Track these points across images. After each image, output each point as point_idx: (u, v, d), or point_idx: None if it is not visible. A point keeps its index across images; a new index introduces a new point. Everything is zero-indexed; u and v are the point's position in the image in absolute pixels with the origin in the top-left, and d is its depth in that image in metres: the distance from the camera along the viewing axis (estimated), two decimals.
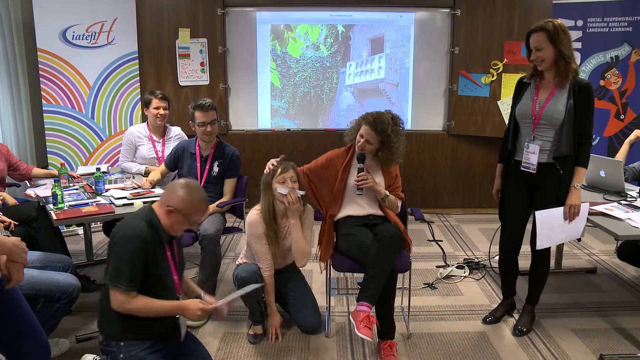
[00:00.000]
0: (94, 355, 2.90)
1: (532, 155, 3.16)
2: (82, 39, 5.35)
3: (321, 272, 3.46)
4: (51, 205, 3.38)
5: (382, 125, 3.20)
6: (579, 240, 4.53)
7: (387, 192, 3.31)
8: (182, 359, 2.59)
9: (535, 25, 3.05)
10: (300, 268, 3.46)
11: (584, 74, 5.44)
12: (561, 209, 3.10)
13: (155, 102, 4.32)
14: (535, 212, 3.13)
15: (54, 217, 3.22)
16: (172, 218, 2.41)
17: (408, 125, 5.99)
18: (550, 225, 3.11)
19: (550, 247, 3.30)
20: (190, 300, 2.50)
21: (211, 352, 3.05)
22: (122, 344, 2.40)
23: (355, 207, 3.35)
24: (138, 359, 2.40)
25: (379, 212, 3.36)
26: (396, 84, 5.98)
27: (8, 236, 2.00)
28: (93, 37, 5.38)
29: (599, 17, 5.39)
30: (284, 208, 3.20)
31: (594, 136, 5.42)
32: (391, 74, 5.94)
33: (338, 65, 5.95)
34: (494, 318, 3.51)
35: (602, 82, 5.47)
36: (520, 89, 3.29)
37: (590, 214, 3.16)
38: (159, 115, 4.33)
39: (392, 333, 3.14)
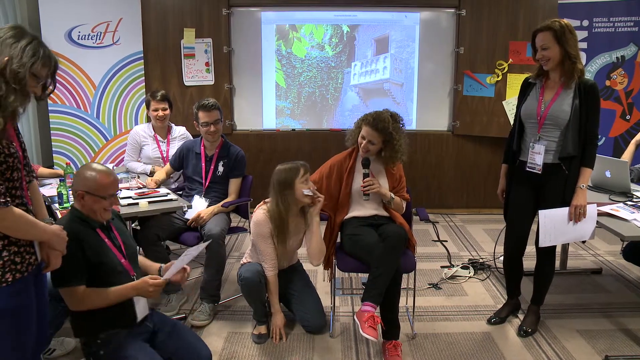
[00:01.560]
0: None
1: (537, 156, 3.14)
2: (88, 39, 5.37)
3: (324, 279, 3.47)
4: (57, 205, 3.39)
5: (383, 123, 3.20)
6: (584, 242, 4.53)
7: (393, 195, 3.31)
8: (169, 342, 2.59)
9: (542, 24, 3.04)
10: (314, 267, 3.46)
11: (589, 74, 5.42)
12: (566, 209, 3.09)
13: (153, 104, 4.32)
14: (540, 211, 3.12)
15: (60, 217, 3.22)
16: (85, 201, 2.39)
17: (413, 126, 5.99)
18: (553, 225, 3.10)
19: (555, 248, 3.30)
20: (141, 279, 2.47)
21: (215, 352, 3.08)
22: (98, 341, 2.42)
23: (360, 208, 3.35)
24: (118, 346, 2.41)
25: (384, 213, 3.36)
26: (401, 84, 5.97)
27: (52, 223, 2.09)
28: (98, 37, 5.40)
29: (605, 17, 5.38)
30: (297, 209, 3.20)
31: (599, 136, 5.42)
32: (396, 74, 5.94)
33: (343, 65, 5.95)
34: (498, 319, 3.51)
35: (607, 83, 5.45)
36: (525, 89, 3.28)
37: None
38: (158, 117, 4.34)
39: (397, 333, 3.13)
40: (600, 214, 3.17)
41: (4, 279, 1.92)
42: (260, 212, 3.25)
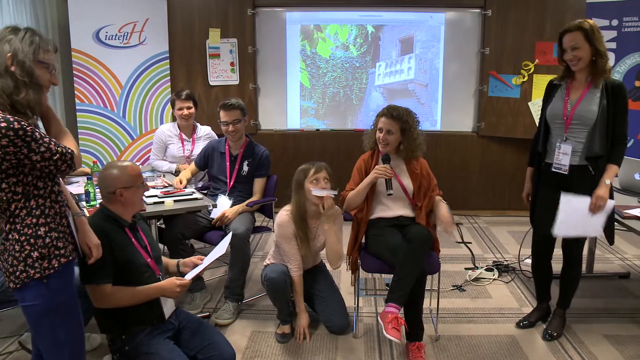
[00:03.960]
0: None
1: (563, 156, 3.10)
2: (115, 39, 5.45)
3: (352, 283, 3.46)
4: (84, 203, 3.43)
5: (398, 111, 3.26)
6: (596, 239, 4.43)
7: (440, 198, 3.31)
8: (194, 340, 2.63)
9: (569, 24, 3.00)
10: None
11: (618, 75, 5.34)
12: (588, 199, 3.01)
13: (178, 104, 4.38)
14: (562, 194, 3.04)
15: (87, 214, 3.26)
16: (126, 198, 2.46)
17: (437, 126, 5.95)
18: (573, 211, 3.02)
19: (581, 251, 3.25)
20: (167, 280, 2.52)
21: (239, 350, 3.10)
22: (123, 337, 2.47)
23: (385, 209, 3.34)
24: (142, 344, 2.46)
25: (409, 214, 3.34)
26: (426, 85, 5.94)
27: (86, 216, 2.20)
28: (125, 37, 5.47)
29: (635, 17, 5.28)
30: (315, 209, 3.20)
31: (628, 138, 5.32)
32: (421, 74, 5.91)
33: (367, 66, 5.94)
34: (528, 322, 3.46)
35: (637, 83, 5.36)
36: (550, 91, 3.24)
37: (624, 217, 3.10)
38: (183, 116, 4.38)
39: (421, 335, 3.12)
40: (628, 217, 3.13)
41: (50, 265, 1.96)
42: (283, 214, 3.26)
